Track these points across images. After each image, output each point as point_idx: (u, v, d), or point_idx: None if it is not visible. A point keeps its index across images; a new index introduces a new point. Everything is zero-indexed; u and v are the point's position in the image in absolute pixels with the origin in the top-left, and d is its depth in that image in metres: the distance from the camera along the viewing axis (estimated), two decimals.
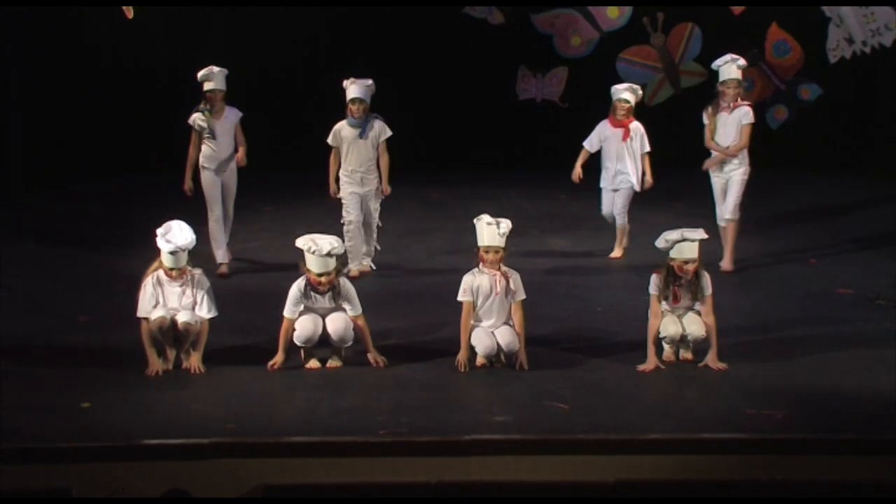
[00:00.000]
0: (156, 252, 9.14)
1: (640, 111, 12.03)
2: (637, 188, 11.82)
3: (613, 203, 11.86)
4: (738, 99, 11.38)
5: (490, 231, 9.11)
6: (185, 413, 8.34)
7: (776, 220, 13.23)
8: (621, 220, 11.89)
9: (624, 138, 11.69)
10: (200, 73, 11.38)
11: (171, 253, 9.03)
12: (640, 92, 12.02)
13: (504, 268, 9.17)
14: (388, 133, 11.24)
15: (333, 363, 9.16)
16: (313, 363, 9.13)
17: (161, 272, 9.12)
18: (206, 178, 11.39)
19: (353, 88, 11.20)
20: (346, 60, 15.41)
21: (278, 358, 9.09)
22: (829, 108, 15.39)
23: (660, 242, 9.12)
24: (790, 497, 7.13)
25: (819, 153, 15.18)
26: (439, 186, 14.58)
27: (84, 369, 9.08)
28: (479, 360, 9.10)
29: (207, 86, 11.37)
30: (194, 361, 9.06)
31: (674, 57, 15.61)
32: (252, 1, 15.36)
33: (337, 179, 11.27)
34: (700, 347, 9.11)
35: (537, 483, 7.49)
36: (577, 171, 11.92)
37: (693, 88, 15.49)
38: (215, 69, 11.41)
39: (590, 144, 11.87)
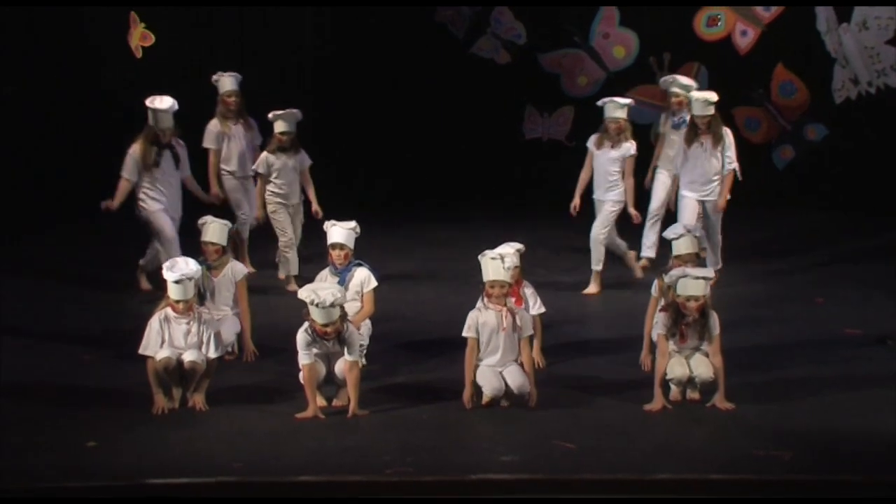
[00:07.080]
0: (160, 291, 9.15)
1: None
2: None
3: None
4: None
5: (495, 266, 9.09)
6: (191, 452, 8.31)
7: (783, 259, 13.20)
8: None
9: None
10: (200, 221, 10.19)
11: (177, 282, 9.03)
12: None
13: (510, 304, 9.14)
14: (374, 283, 9.84)
15: (339, 402, 9.13)
16: (319, 401, 9.10)
17: (168, 310, 9.12)
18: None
19: (335, 232, 9.85)
20: (353, 95, 15.50)
21: (310, 409, 8.88)
22: (835, 149, 15.40)
23: (668, 278, 9.12)
24: None
25: (826, 193, 15.17)
26: (446, 225, 14.57)
27: (89, 408, 9.06)
28: (485, 399, 9.06)
29: (204, 237, 10.05)
30: (198, 399, 9.05)
31: None
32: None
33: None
34: (708, 389, 9.07)
35: None
36: None
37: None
38: (210, 219, 10.12)
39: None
